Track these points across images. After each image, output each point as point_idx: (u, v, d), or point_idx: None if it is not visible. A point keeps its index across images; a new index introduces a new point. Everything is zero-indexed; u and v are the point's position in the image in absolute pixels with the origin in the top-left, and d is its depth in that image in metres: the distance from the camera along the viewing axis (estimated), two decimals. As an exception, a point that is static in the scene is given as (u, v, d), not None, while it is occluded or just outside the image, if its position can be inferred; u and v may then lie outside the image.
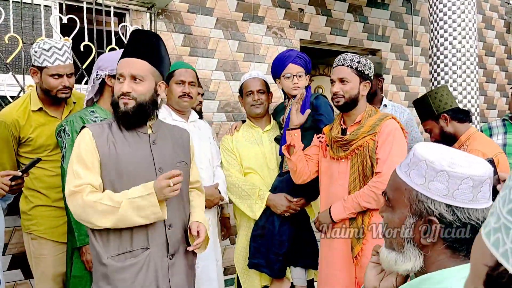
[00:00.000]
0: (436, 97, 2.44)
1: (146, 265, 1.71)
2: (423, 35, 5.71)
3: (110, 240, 1.71)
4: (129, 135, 1.80)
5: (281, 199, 2.50)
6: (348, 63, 2.24)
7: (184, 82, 2.50)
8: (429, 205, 0.94)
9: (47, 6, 3.39)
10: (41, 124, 2.42)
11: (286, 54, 2.61)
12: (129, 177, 1.73)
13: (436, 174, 0.93)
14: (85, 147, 1.72)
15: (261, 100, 2.66)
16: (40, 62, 2.35)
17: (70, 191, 1.69)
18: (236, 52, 4.30)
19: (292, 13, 4.65)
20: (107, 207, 1.66)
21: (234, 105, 4.24)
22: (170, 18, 3.92)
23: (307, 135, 2.53)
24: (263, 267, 2.51)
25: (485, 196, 0.93)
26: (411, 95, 5.57)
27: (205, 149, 2.58)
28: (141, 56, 1.79)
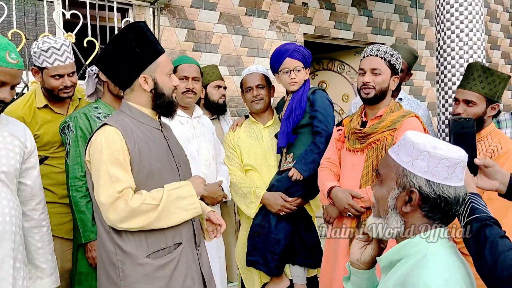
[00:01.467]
0: (503, 84, 2.25)
1: (181, 260, 1.71)
2: (427, 28, 5.67)
3: (142, 240, 1.66)
4: (147, 131, 1.74)
5: (276, 198, 2.46)
6: (382, 54, 2.15)
7: (188, 78, 2.46)
8: (411, 179, 1.14)
9: (50, 1, 3.38)
10: (47, 121, 2.40)
11: (283, 49, 2.52)
12: (159, 174, 1.70)
13: (420, 154, 1.13)
14: (117, 146, 1.63)
15: (261, 95, 2.59)
16: (40, 63, 2.32)
17: (113, 197, 1.59)
18: (240, 47, 4.27)
19: (295, 7, 4.62)
20: (152, 206, 1.61)
21: (238, 100, 4.22)
22: (173, 13, 3.90)
23: (304, 132, 2.49)
24: (260, 265, 2.49)
25: (458, 177, 1.13)
26: (415, 89, 5.54)
27: (209, 145, 2.55)
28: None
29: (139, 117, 1.75)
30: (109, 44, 1.79)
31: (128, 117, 1.74)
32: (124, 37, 1.71)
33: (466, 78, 2.26)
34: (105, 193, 1.60)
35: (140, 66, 1.71)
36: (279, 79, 2.56)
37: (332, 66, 5.68)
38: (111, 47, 1.74)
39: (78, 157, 2.20)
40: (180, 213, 1.67)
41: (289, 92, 2.56)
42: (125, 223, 1.61)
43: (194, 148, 2.44)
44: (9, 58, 1.62)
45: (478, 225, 1.14)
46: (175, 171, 1.77)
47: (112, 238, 1.67)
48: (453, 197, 1.12)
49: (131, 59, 1.71)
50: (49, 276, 1.92)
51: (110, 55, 1.75)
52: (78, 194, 2.20)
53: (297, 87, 2.50)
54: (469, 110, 2.21)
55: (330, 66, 5.70)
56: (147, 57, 1.71)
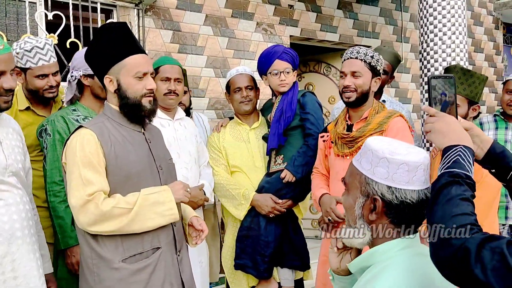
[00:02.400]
0: (482, 85, 2.30)
1: (159, 264, 1.69)
2: (412, 31, 5.72)
3: (118, 244, 1.64)
4: (127, 133, 1.72)
5: (266, 200, 2.44)
6: (362, 56, 2.15)
7: (170, 79, 2.42)
8: (373, 186, 1.12)
9: (32, 2, 3.33)
10: (29, 124, 2.36)
11: (272, 50, 2.52)
12: (137, 178, 1.67)
13: (379, 161, 1.12)
14: (91, 149, 1.61)
15: (250, 96, 2.58)
16: (23, 64, 2.27)
17: (82, 200, 1.57)
18: (226, 49, 4.26)
19: (282, 10, 4.63)
20: (124, 210, 1.59)
21: (224, 102, 4.20)
22: (159, 15, 3.87)
23: (294, 134, 2.49)
24: (249, 268, 2.47)
25: (420, 180, 1.12)
26: (401, 91, 5.59)
27: (191, 147, 2.52)
28: (144, 51, 1.77)
29: (119, 119, 1.73)
30: (88, 45, 1.82)
31: (108, 120, 1.72)
32: (94, 37, 1.73)
33: None
34: (75, 195, 1.59)
35: (104, 67, 1.70)
36: (267, 81, 2.55)
37: (318, 68, 5.70)
38: (87, 49, 1.77)
39: (56, 161, 2.16)
40: (156, 218, 1.65)
41: (277, 94, 2.55)
42: (96, 226, 1.59)
43: (175, 151, 2.40)
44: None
45: (449, 179, 1.03)
46: (156, 175, 1.75)
47: (88, 241, 1.65)
48: (417, 200, 1.11)
49: (98, 59, 1.72)
50: (48, 262, 1.95)
51: (86, 56, 1.77)
52: (56, 199, 2.16)
53: (287, 89, 2.50)
54: None
55: (316, 68, 5.71)
56: (111, 58, 1.69)
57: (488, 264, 0.88)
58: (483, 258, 0.89)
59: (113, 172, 1.64)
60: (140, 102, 1.71)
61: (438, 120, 1.17)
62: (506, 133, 2.98)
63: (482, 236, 0.92)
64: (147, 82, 1.71)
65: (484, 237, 0.92)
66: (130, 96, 1.69)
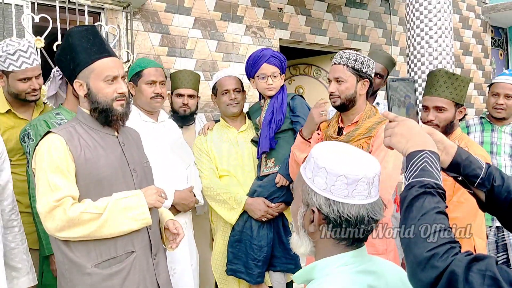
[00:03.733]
0: (467, 87, 2.27)
1: (133, 269, 1.67)
2: (401, 34, 5.76)
3: (90, 248, 1.62)
4: (99, 137, 1.71)
5: (259, 204, 2.42)
6: (344, 61, 2.11)
7: (155, 82, 2.40)
8: (312, 196, 1.06)
9: (18, 5, 3.30)
10: (10, 127, 2.33)
11: (260, 54, 2.50)
12: (109, 182, 1.66)
13: (319, 170, 1.05)
14: (58, 154, 1.59)
15: (238, 99, 2.56)
16: (5, 67, 2.25)
17: (49, 206, 1.55)
18: (215, 52, 4.26)
19: (271, 13, 4.63)
20: (93, 215, 1.57)
21: (213, 105, 4.19)
22: (147, 18, 3.85)
23: (284, 137, 2.48)
24: (242, 273, 2.44)
25: (362, 194, 1.03)
26: (390, 94, 5.61)
27: (176, 149, 2.50)
28: (114, 54, 1.75)
29: (91, 123, 1.72)
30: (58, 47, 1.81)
31: (80, 124, 1.71)
32: (63, 41, 1.72)
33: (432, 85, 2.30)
34: (42, 201, 1.58)
35: (73, 71, 1.70)
36: (254, 84, 2.54)
37: (308, 71, 5.72)
38: (57, 53, 1.76)
39: None
40: (128, 223, 1.63)
41: (265, 97, 2.54)
42: (64, 232, 1.57)
43: (160, 153, 2.39)
44: None
45: (420, 190, 0.96)
46: (129, 179, 1.74)
47: (59, 247, 1.64)
48: (355, 216, 1.02)
49: (67, 63, 1.71)
50: (26, 275, 1.90)
51: (56, 60, 1.77)
52: None
53: (274, 92, 2.50)
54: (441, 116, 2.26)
55: (306, 71, 5.73)
56: (80, 63, 1.68)
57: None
58: (472, 283, 0.82)
59: (83, 177, 1.63)
60: (111, 106, 1.69)
61: (399, 124, 1.10)
62: (492, 136, 3.00)
63: (467, 258, 0.86)
64: (118, 86, 1.70)
65: (470, 258, 0.86)
66: (101, 100, 1.68)
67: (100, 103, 1.68)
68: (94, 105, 1.69)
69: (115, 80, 1.69)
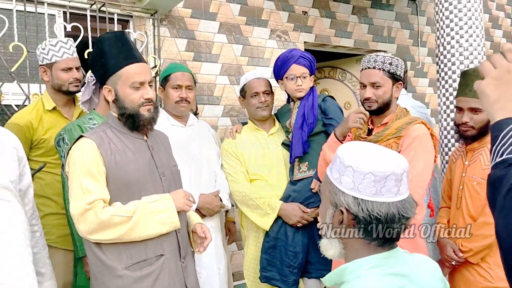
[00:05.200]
0: None
1: (162, 272, 1.69)
2: (429, 35, 5.66)
3: (121, 251, 1.65)
4: (128, 141, 1.74)
5: (294, 209, 2.35)
6: (380, 65, 2.07)
7: (181, 87, 2.41)
8: (340, 196, 1.04)
9: (51, 14, 3.40)
10: (53, 126, 2.42)
11: (289, 55, 2.45)
12: (138, 185, 1.69)
13: (345, 169, 1.03)
14: (90, 158, 1.63)
15: (267, 102, 2.51)
16: (49, 59, 2.40)
17: (81, 209, 1.59)
18: (240, 56, 4.28)
19: (296, 16, 4.63)
20: (123, 218, 1.60)
21: (239, 109, 4.22)
22: (174, 24, 3.91)
23: (317, 140, 2.42)
24: (276, 280, 2.37)
25: (391, 191, 1.01)
26: (418, 96, 5.51)
27: (204, 153, 2.49)
28: (142, 59, 1.78)
29: (120, 127, 1.75)
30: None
31: (110, 128, 1.75)
32: (93, 48, 1.77)
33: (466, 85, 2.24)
34: (75, 204, 1.61)
35: (103, 77, 1.74)
36: (283, 86, 2.49)
37: (333, 74, 5.68)
38: (89, 59, 1.81)
39: None
40: (157, 226, 1.65)
41: (294, 99, 2.49)
42: (95, 234, 1.60)
43: (188, 157, 2.40)
44: None
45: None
46: (158, 182, 1.76)
47: (92, 249, 1.67)
48: (385, 214, 1.00)
49: (97, 70, 1.76)
50: (49, 280, 1.92)
51: (89, 65, 1.82)
52: None
53: (304, 94, 2.44)
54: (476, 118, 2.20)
55: (331, 74, 5.69)
56: (107, 69, 1.71)
57: None
58: None
59: (113, 180, 1.66)
60: (138, 111, 1.72)
61: (500, 73, 0.82)
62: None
63: None
64: (144, 92, 1.72)
65: None
66: (128, 106, 1.71)
67: (127, 109, 1.71)
68: (122, 111, 1.72)
69: (142, 85, 1.72)
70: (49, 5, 3.32)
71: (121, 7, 3.62)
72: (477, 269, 2.19)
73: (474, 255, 2.17)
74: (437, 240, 2.37)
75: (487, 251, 2.16)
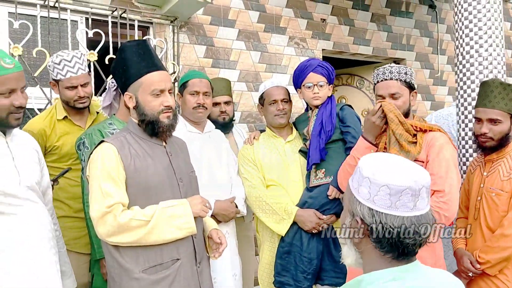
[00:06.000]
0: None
1: (178, 276, 1.71)
2: (449, 43, 5.60)
3: (138, 254, 1.68)
4: (148, 147, 1.78)
5: (310, 216, 2.36)
6: (397, 76, 2.09)
7: (199, 93, 2.44)
8: (357, 206, 1.05)
9: (73, 21, 3.49)
10: (66, 133, 2.48)
11: (307, 63, 2.49)
12: (156, 190, 1.72)
13: (363, 180, 1.05)
14: (111, 163, 1.67)
15: (285, 109, 2.54)
16: (54, 76, 2.43)
17: (101, 212, 1.62)
18: (258, 63, 4.31)
19: (314, 23, 4.65)
20: (141, 222, 1.63)
21: (256, 116, 4.24)
22: (193, 31, 3.97)
23: (334, 148, 2.43)
24: (290, 286, 2.37)
25: (406, 205, 1.01)
26: (437, 104, 5.45)
27: (221, 159, 2.51)
28: (162, 67, 1.82)
29: (140, 133, 1.79)
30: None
31: (130, 134, 1.79)
32: (116, 55, 1.81)
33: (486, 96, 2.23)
34: (95, 207, 1.65)
35: (124, 84, 1.78)
36: (301, 94, 2.53)
37: (351, 81, 5.67)
38: (112, 64, 1.85)
39: None
40: (174, 231, 1.68)
41: (312, 107, 2.52)
42: (114, 237, 1.63)
43: (205, 163, 2.42)
44: (5, 64, 1.62)
45: None
46: (176, 188, 1.78)
47: (110, 252, 1.70)
48: (397, 227, 1.00)
49: (119, 76, 1.79)
50: (70, 277, 1.98)
51: (111, 71, 1.86)
52: None
53: (320, 102, 2.47)
54: (495, 129, 2.19)
55: (349, 82, 5.68)
56: (129, 76, 1.75)
57: None
58: None
59: (132, 184, 1.69)
60: (157, 118, 1.76)
61: None
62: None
63: None
64: (164, 99, 1.76)
65: None
66: (148, 113, 1.75)
67: (147, 115, 1.75)
68: (142, 117, 1.76)
69: (162, 93, 1.76)
70: (72, 12, 3.41)
71: (141, 13, 3.69)
72: (494, 281, 2.16)
73: (492, 267, 2.14)
74: (454, 251, 2.34)
75: (505, 263, 2.13)
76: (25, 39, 3.17)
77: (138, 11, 3.68)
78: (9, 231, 1.63)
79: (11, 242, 1.62)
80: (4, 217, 1.63)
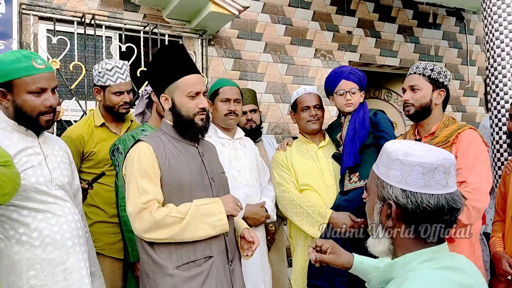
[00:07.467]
0: None
1: (211, 273, 1.74)
2: (479, 54, 5.51)
3: (172, 251, 1.70)
4: (181, 147, 1.83)
5: (345, 218, 2.37)
6: (420, 70, 2.16)
7: (230, 100, 2.50)
8: (388, 190, 1.06)
9: (108, 37, 3.63)
10: (102, 139, 2.57)
11: (338, 71, 2.53)
12: (189, 188, 1.76)
13: (393, 163, 1.06)
14: (147, 161, 1.71)
15: (318, 115, 2.58)
16: (103, 82, 2.54)
17: (138, 208, 1.66)
18: (285, 75, 4.35)
19: (340, 36, 4.67)
20: (176, 219, 1.67)
21: (283, 126, 4.27)
22: (221, 44, 4.05)
23: (368, 153, 2.44)
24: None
25: (439, 183, 1.02)
26: (468, 116, 5.36)
27: (251, 165, 2.54)
28: (198, 71, 1.88)
29: (174, 134, 1.84)
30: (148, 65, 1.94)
31: (164, 134, 1.84)
32: (153, 59, 1.86)
33: None
34: (132, 203, 1.69)
35: (161, 86, 1.83)
36: (333, 102, 2.56)
37: (379, 94, 5.63)
38: (147, 69, 1.91)
39: None
40: (207, 228, 1.71)
41: (345, 113, 2.55)
42: (150, 233, 1.67)
43: (236, 169, 2.45)
44: (36, 64, 1.68)
45: None
46: (208, 186, 1.82)
47: (145, 248, 1.74)
48: (434, 206, 1.01)
49: (156, 79, 1.84)
50: (99, 279, 2.01)
51: (146, 76, 1.93)
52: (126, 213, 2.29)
53: (353, 109, 2.50)
54: None
55: (377, 94, 5.64)
56: (167, 78, 1.80)
57: None
58: None
59: (167, 182, 1.73)
60: (193, 119, 1.81)
61: None
62: None
63: None
64: (199, 101, 1.81)
65: None
66: (184, 114, 1.80)
67: (183, 117, 1.80)
68: (178, 118, 1.81)
69: (197, 95, 1.81)
70: (106, 28, 3.55)
71: (171, 28, 3.80)
72: None
73: None
74: (492, 255, 2.30)
75: None
76: (63, 54, 3.31)
77: (168, 25, 3.79)
78: (43, 227, 1.68)
79: (45, 238, 1.67)
80: (38, 214, 1.68)
